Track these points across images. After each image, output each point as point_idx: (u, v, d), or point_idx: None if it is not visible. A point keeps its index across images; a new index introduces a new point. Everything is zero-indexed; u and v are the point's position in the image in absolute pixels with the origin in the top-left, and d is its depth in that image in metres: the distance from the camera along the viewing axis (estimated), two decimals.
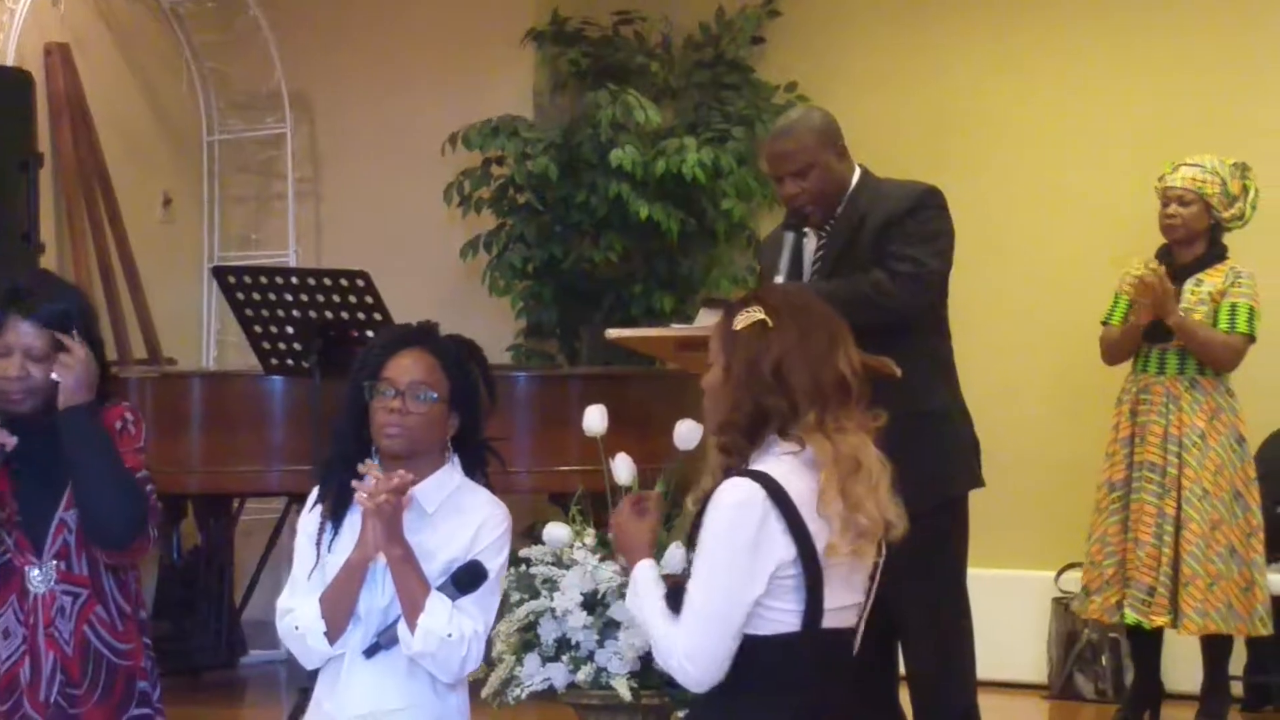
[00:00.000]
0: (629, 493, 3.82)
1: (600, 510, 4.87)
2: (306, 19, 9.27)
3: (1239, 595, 6.82)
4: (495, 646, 4.74)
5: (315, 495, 4.11)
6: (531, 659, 4.85)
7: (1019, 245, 8.15)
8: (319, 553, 4.03)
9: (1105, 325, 7.05)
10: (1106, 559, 6.92)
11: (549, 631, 4.83)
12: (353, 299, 6.59)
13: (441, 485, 4.04)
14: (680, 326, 5.41)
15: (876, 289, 4.90)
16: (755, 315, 3.49)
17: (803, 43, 8.75)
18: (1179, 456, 6.82)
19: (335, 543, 4.03)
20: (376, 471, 3.95)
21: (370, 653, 3.98)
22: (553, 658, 4.82)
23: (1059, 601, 7.78)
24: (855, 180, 5.11)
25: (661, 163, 8.15)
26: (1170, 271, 6.84)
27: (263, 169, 9.38)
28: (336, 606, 3.98)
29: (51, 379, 3.91)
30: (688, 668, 3.42)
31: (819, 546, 3.38)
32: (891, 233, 4.98)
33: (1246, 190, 6.96)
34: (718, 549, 3.39)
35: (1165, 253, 6.95)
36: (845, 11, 8.73)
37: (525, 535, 5.59)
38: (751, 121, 8.44)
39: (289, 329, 6.69)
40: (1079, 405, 7.66)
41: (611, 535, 3.79)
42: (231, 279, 6.79)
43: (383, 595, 3.99)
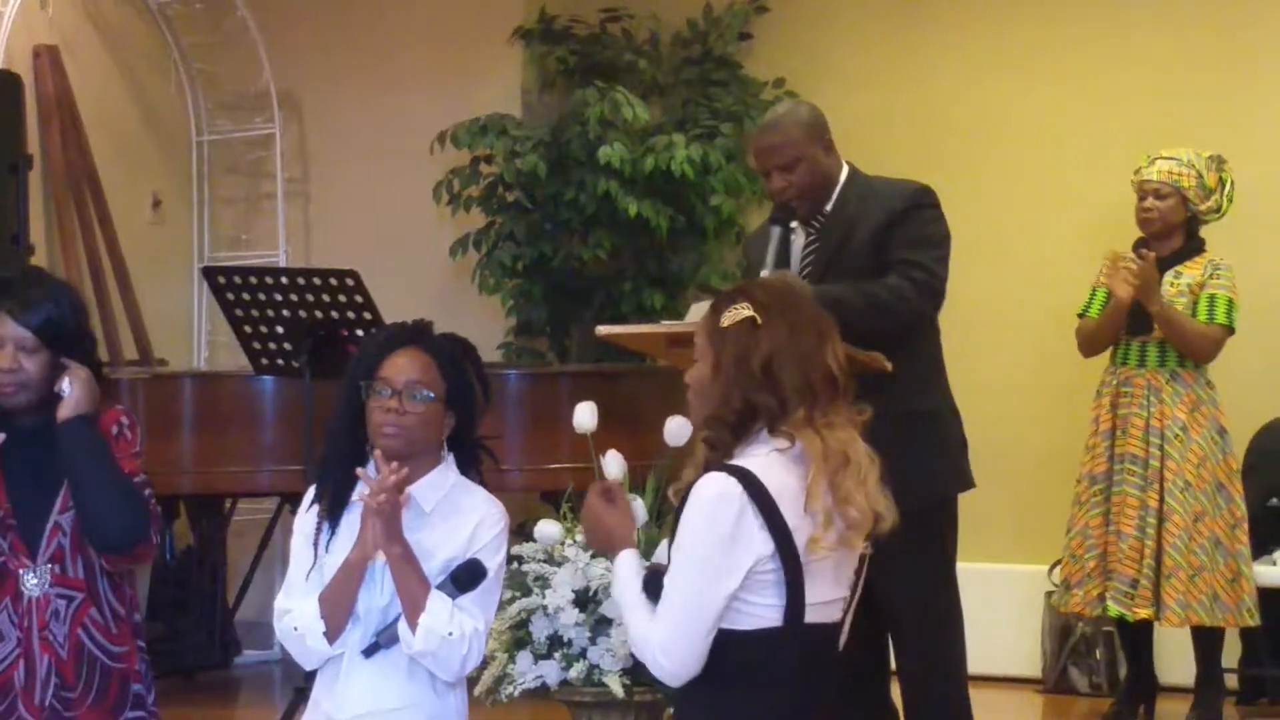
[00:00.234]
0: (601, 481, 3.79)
1: None
2: (294, 19, 9.27)
3: (1225, 587, 6.84)
4: (487, 644, 4.74)
5: (311, 495, 4.09)
6: (524, 656, 4.85)
7: (1001, 242, 8.15)
8: (316, 553, 4.02)
9: (1082, 318, 7.06)
10: (1087, 552, 6.93)
11: (541, 629, 4.84)
12: (343, 298, 6.59)
13: (438, 484, 4.04)
14: (670, 323, 5.41)
15: (896, 297, 4.86)
16: (744, 312, 3.49)
17: (791, 39, 8.75)
18: (1161, 449, 6.83)
19: (333, 543, 4.02)
20: (368, 476, 3.94)
21: (369, 652, 3.98)
22: (545, 655, 4.83)
23: (1052, 595, 7.79)
24: (844, 176, 5.08)
25: (650, 160, 8.15)
26: None
27: (252, 169, 9.37)
28: (336, 606, 3.97)
29: (56, 390, 3.91)
30: (662, 661, 3.42)
31: (799, 542, 3.38)
32: (892, 235, 4.95)
33: (1223, 183, 6.97)
34: (694, 543, 3.39)
35: (1143, 246, 6.96)
36: (833, 7, 8.73)
37: (517, 533, 5.57)
38: (740, 118, 8.45)
39: (279, 329, 6.68)
40: (1069, 398, 7.66)
41: (584, 528, 3.78)
42: (221, 279, 6.79)
43: (382, 594, 3.98)
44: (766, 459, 3.42)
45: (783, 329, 3.47)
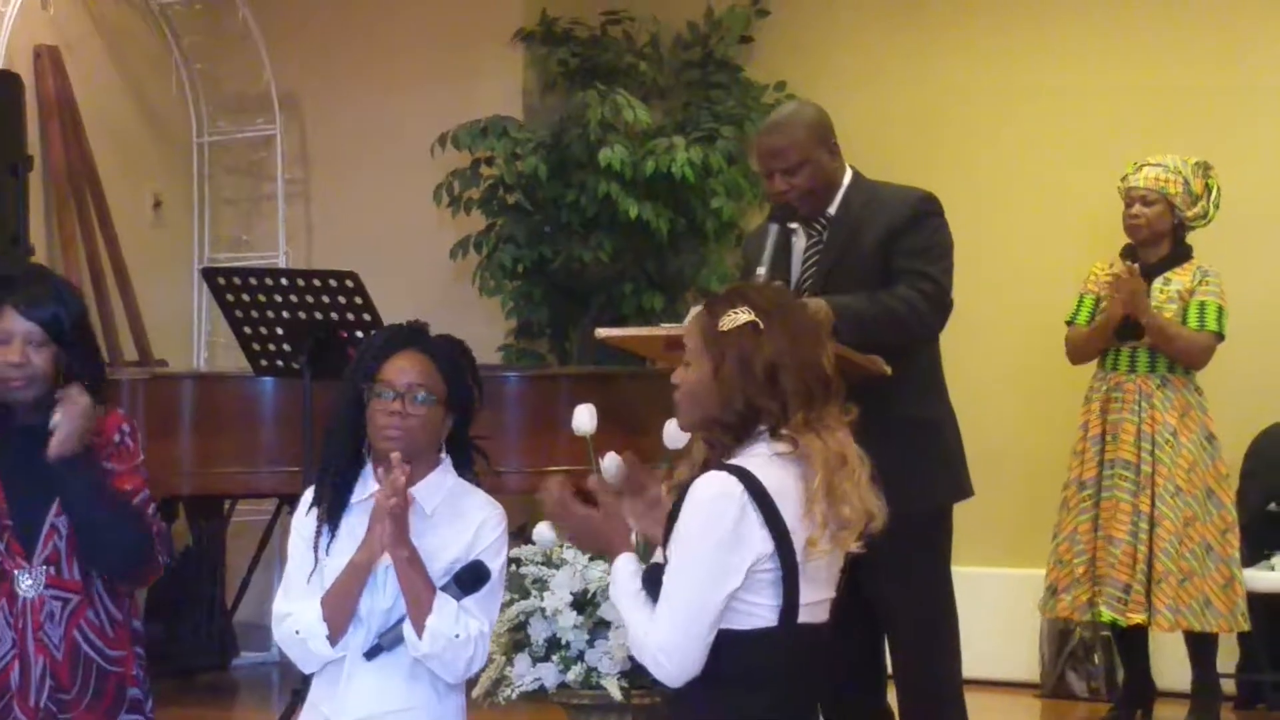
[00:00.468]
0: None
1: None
2: (296, 20, 9.28)
3: (1218, 592, 6.83)
4: None
5: (310, 497, 4.07)
6: (522, 659, 4.86)
7: (998, 245, 8.13)
8: (316, 556, 4.00)
9: (1070, 325, 7.06)
10: (1076, 557, 6.93)
11: (539, 631, 4.84)
12: (342, 300, 6.59)
13: (438, 486, 4.03)
14: (669, 326, 5.39)
15: (910, 310, 4.83)
16: (744, 316, 3.49)
17: (791, 42, 8.76)
18: (1152, 454, 6.83)
19: (333, 545, 4.01)
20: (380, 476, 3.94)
21: (371, 654, 3.96)
22: (543, 658, 4.83)
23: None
24: (847, 180, 5.02)
25: (651, 162, 8.15)
26: None
27: (252, 170, 9.38)
28: (339, 608, 3.95)
29: (51, 425, 3.91)
30: (662, 662, 3.41)
31: (797, 541, 3.39)
32: (898, 243, 4.91)
33: (1209, 189, 6.97)
34: (695, 543, 3.39)
35: (1130, 252, 6.97)
36: (833, 10, 8.74)
37: (515, 535, 5.57)
38: (740, 120, 8.45)
39: (279, 330, 6.69)
40: (1068, 401, 7.65)
41: (570, 534, 3.76)
42: (221, 280, 6.79)
43: (384, 597, 3.97)
44: (761, 458, 3.43)
45: (784, 334, 3.48)
